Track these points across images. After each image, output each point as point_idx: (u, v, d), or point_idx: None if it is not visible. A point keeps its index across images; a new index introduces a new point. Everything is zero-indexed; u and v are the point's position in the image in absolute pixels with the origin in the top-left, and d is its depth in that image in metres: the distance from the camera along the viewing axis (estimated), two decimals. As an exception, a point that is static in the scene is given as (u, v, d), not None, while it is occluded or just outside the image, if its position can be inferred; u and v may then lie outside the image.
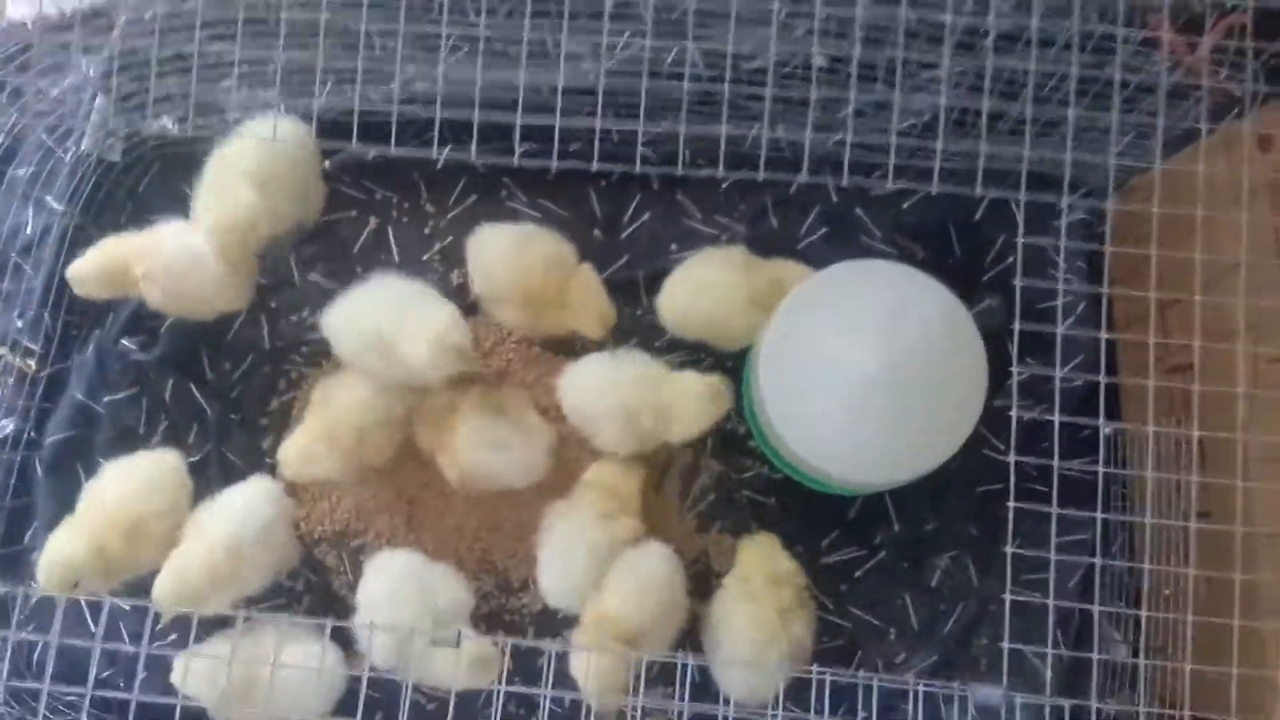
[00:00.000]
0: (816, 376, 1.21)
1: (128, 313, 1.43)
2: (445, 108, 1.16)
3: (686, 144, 1.21)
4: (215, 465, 1.40)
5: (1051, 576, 0.97)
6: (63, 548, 1.20)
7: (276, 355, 1.45)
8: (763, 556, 1.29)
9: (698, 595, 1.35)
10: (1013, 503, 0.99)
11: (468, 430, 1.26)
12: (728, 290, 1.29)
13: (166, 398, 1.42)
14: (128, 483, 1.26)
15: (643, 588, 1.21)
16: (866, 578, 1.38)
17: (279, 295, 1.46)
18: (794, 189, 1.41)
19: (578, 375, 1.32)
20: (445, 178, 1.45)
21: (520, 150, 1.29)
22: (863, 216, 1.43)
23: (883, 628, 1.36)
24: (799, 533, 1.35)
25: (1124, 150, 1.13)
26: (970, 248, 1.42)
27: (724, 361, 1.37)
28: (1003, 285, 1.33)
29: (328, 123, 1.25)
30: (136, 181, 1.48)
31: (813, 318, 1.22)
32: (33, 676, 1.29)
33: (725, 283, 1.29)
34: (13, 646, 1.15)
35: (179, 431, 1.42)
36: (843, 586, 1.37)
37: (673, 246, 1.43)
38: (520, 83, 1.09)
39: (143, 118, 1.40)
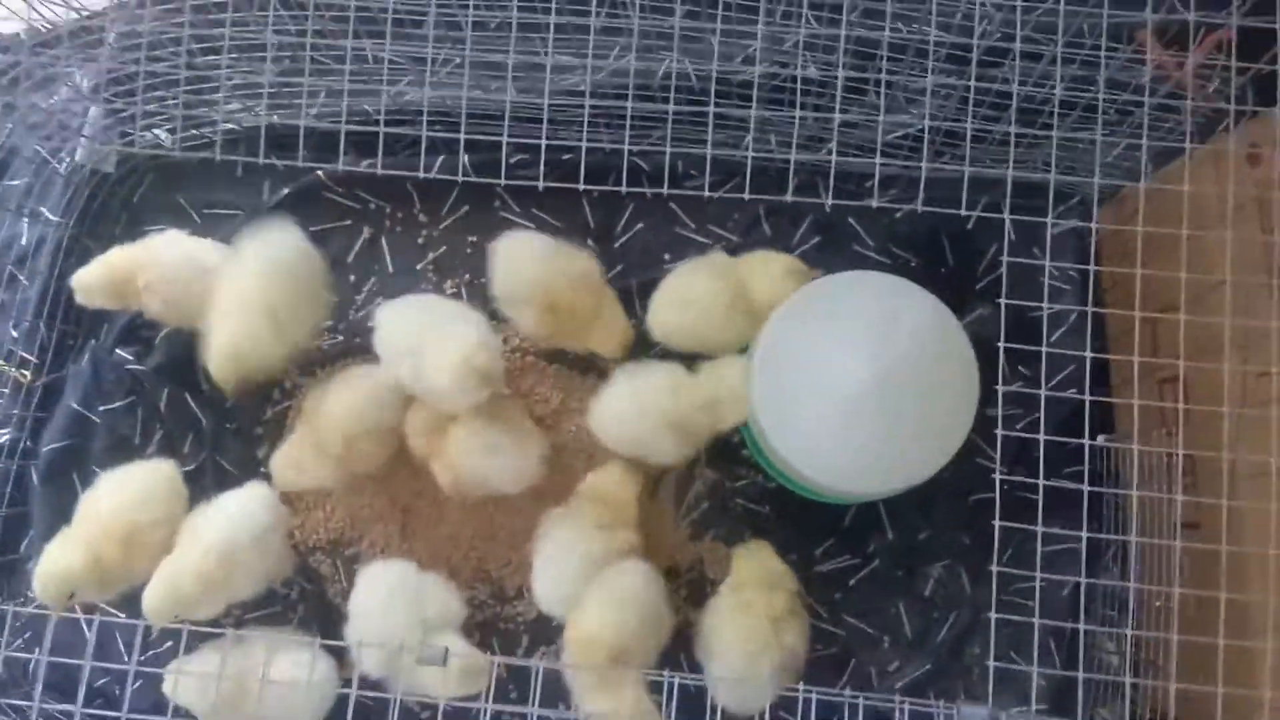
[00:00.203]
0: (808, 387, 1.21)
1: (123, 322, 1.44)
2: (435, 122, 1.16)
3: (677, 157, 1.22)
4: (210, 474, 1.41)
5: (1037, 595, 0.96)
6: (59, 559, 1.20)
7: (271, 364, 1.45)
8: (759, 562, 1.30)
9: (692, 603, 1.36)
10: (999, 521, 0.99)
11: (461, 435, 1.26)
12: (711, 301, 1.29)
13: (162, 407, 1.42)
14: (123, 493, 1.26)
15: (622, 604, 1.21)
16: (860, 586, 1.38)
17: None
18: (787, 197, 1.41)
19: (610, 406, 1.30)
20: (438, 188, 1.45)
21: (512, 160, 1.30)
22: (855, 226, 1.43)
23: (876, 636, 1.36)
24: (793, 541, 1.36)
25: (1113, 163, 1.13)
26: (963, 257, 1.42)
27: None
28: (995, 294, 1.32)
29: (318, 136, 1.25)
30: (131, 192, 1.49)
31: (804, 328, 1.23)
32: (27, 684, 1.30)
33: (707, 296, 1.29)
34: (5, 656, 1.15)
35: (174, 441, 1.42)
36: (836, 595, 1.38)
37: (666, 256, 1.43)
38: (507, 99, 1.09)
39: (135, 129, 1.41)
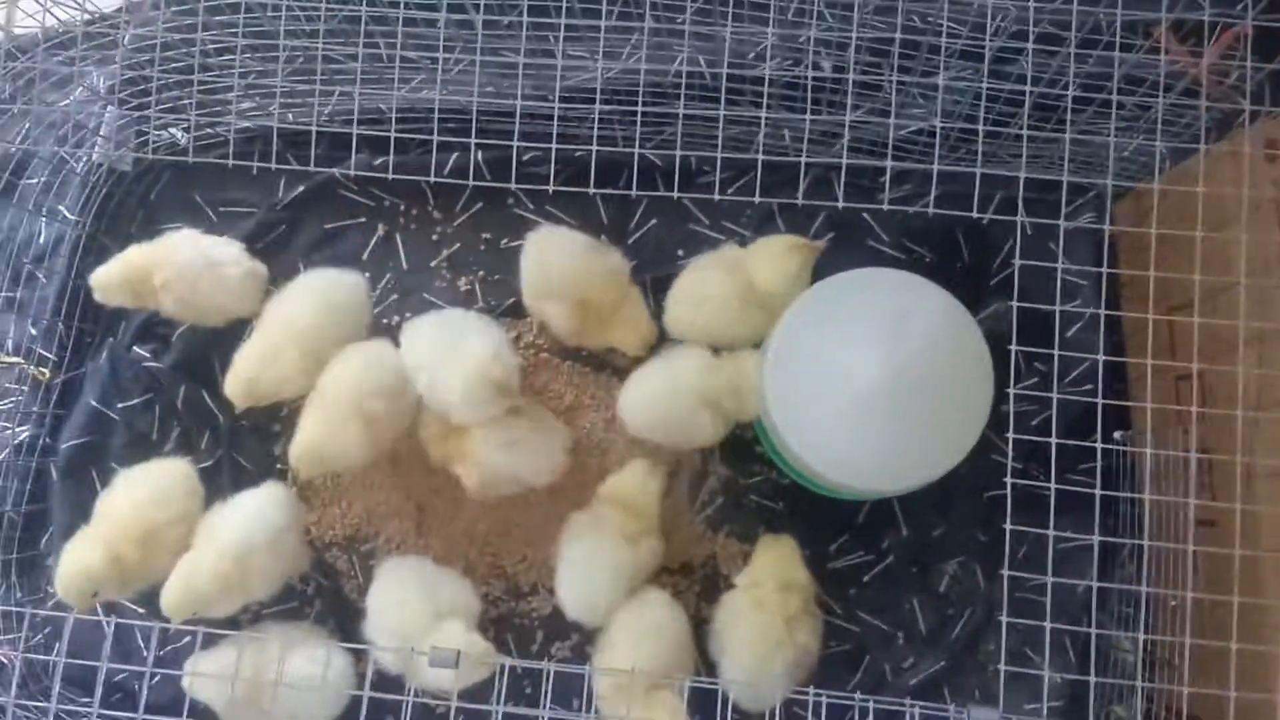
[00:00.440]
0: (822, 384, 1.21)
1: (140, 320, 1.45)
2: (447, 119, 1.16)
3: (691, 154, 1.22)
4: (227, 471, 1.42)
5: (1049, 595, 0.96)
6: (79, 559, 1.21)
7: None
8: (778, 560, 1.29)
9: (705, 599, 1.36)
10: (1009, 525, 0.98)
11: (484, 433, 1.25)
12: (724, 296, 1.29)
13: (179, 404, 1.43)
14: (140, 492, 1.27)
15: (652, 638, 1.22)
16: (874, 582, 1.38)
17: (289, 303, 1.46)
18: (801, 193, 1.40)
19: (641, 388, 1.31)
20: (452, 185, 1.45)
21: (525, 158, 1.31)
22: (870, 221, 1.42)
23: (891, 632, 1.36)
24: (807, 537, 1.35)
25: (1129, 159, 1.12)
26: (978, 252, 1.41)
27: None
28: (1011, 289, 1.32)
29: (332, 134, 1.26)
30: (147, 190, 1.50)
31: (818, 325, 1.22)
32: (47, 680, 1.31)
33: (720, 291, 1.29)
34: (25, 652, 1.16)
35: (191, 437, 1.43)
36: (851, 591, 1.37)
37: (679, 252, 1.43)
38: (518, 98, 1.09)
39: (151, 129, 1.42)
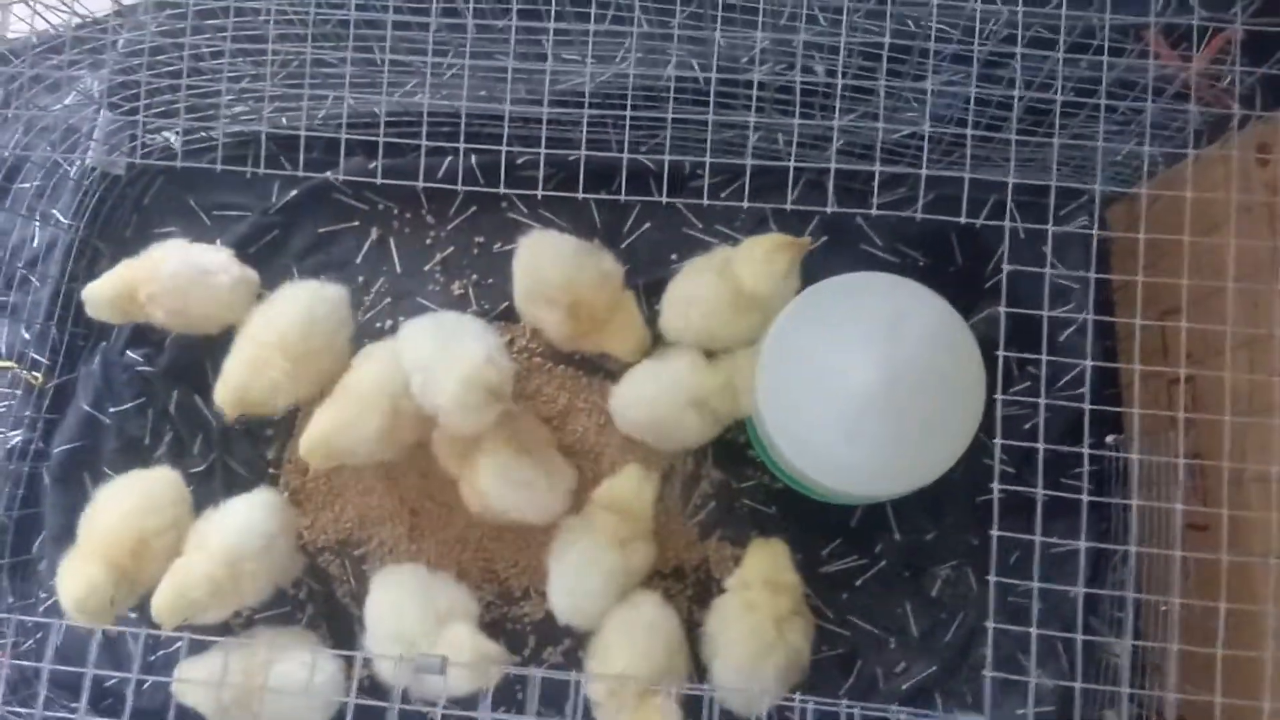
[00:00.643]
0: (814, 389, 1.21)
1: (133, 325, 1.45)
2: (439, 124, 1.16)
3: (684, 158, 1.22)
4: (219, 475, 1.42)
5: (1034, 601, 0.96)
6: (81, 578, 1.20)
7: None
8: (768, 561, 1.29)
9: (698, 604, 1.36)
10: (996, 531, 0.98)
11: (491, 466, 1.25)
12: (715, 299, 1.29)
13: (171, 409, 1.43)
14: (127, 502, 1.26)
15: (645, 640, 1.22)
16: (867, 587, 1.37)
17: (282, 306, 1.46)
18: (794, 196, 1.40)
19: (633, 389, 1.31)
20: (446, 190, 1.44)
21: (519, 161, 1.31)
22: (863, 225, 1.42)
23: (883, 636, 1.36)
24: (800, 541, 1.35)
25: (1123, 163, 1.12)
26: (971, 256, 1.41)
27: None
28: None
29: (325, 138, 1.26)
30: (141, 194, 1.49)
31: (810, 330, 1.22)
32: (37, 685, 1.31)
33: (711, 294, 1.29)
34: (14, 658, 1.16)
35: (184, 442, 1.43)
36: (843, 595, 1.37)
37: (673, 256, 1.43)
38: (506, 104, 1.09)
39: (142, 134, 1.42)
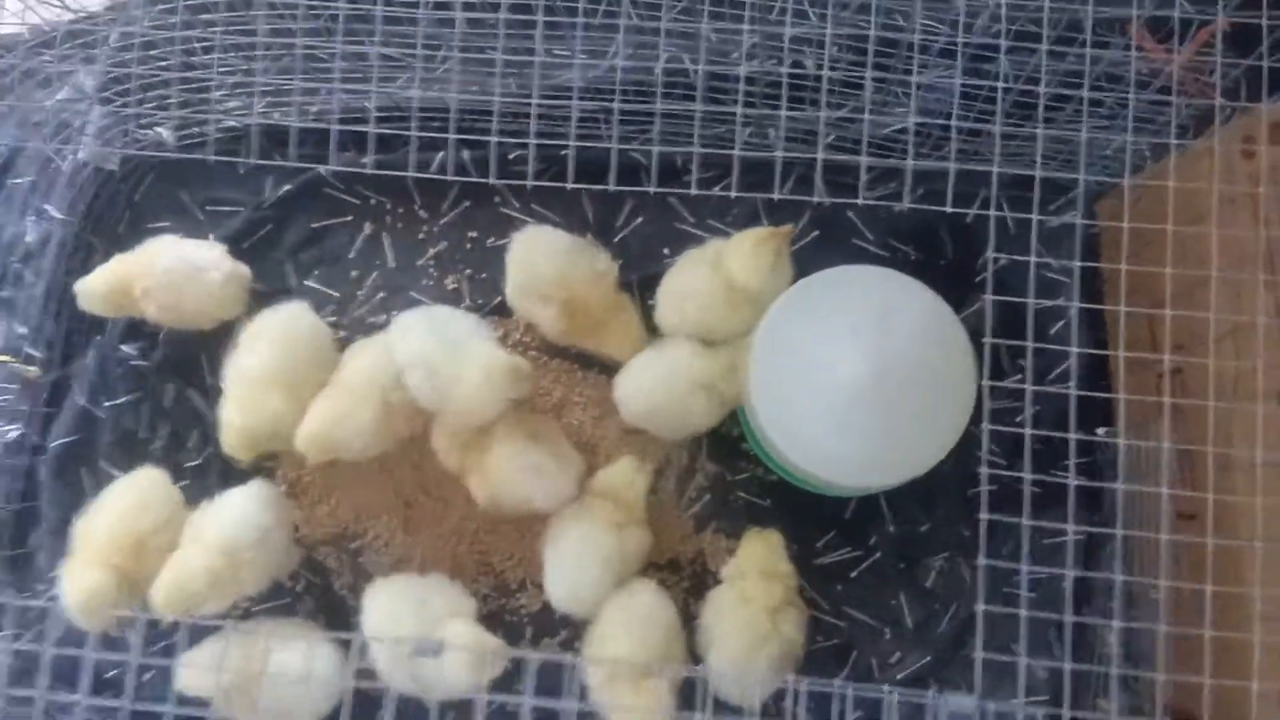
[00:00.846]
0: (806, 381, 1.22)
1: (128, 319, 1.45)
2: (430, 118, 1.16)
3: (676, 152, 1.23)
4: (215, 469, 1.42)
5: (1024, 588, 0.97)
6: (82, 583, 1.21)
7: (275, 360, 1.46)
8: (763, 550, 1.30)
9: (693, 596, 1.36)
10: (985, 515, 1.00)
11: (501, 454, 1.26)
12: (708, 292, 1.29)
13: (166, 403, 1.44)
14: (118, 506, 1.27)
15: (643, 625, 1.23)
16: (861, 578, 1.38)
17: (276, 302, 1.46)
18: (785, 191, 1.41)
19: (637, 375, 1.32)
20: (438, 183, 1.45)
21: (511, 157, 1.31)
22: (854, 219, 1.42)
23: (878, 628, 1.37)
24: (794, 534, 1.36)
25: (1111, 156, 1.13)
26: (962, 250, 1.42)
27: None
28: (994, 287, 1.33)
29: (318, 133, 1.26)
30: (133, 189, 1.50)
31: (802, 321, 1.23)
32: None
33: (704, 288, 1.30)
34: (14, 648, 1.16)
35: (179, 436, 1.44)
36: (838, 587, 1.38)
37: (665, 251, 1.43)
38: (496, 95, 1.09)
39: (138, 127, 1.42)
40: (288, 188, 1.47)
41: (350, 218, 1.48)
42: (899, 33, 1.08)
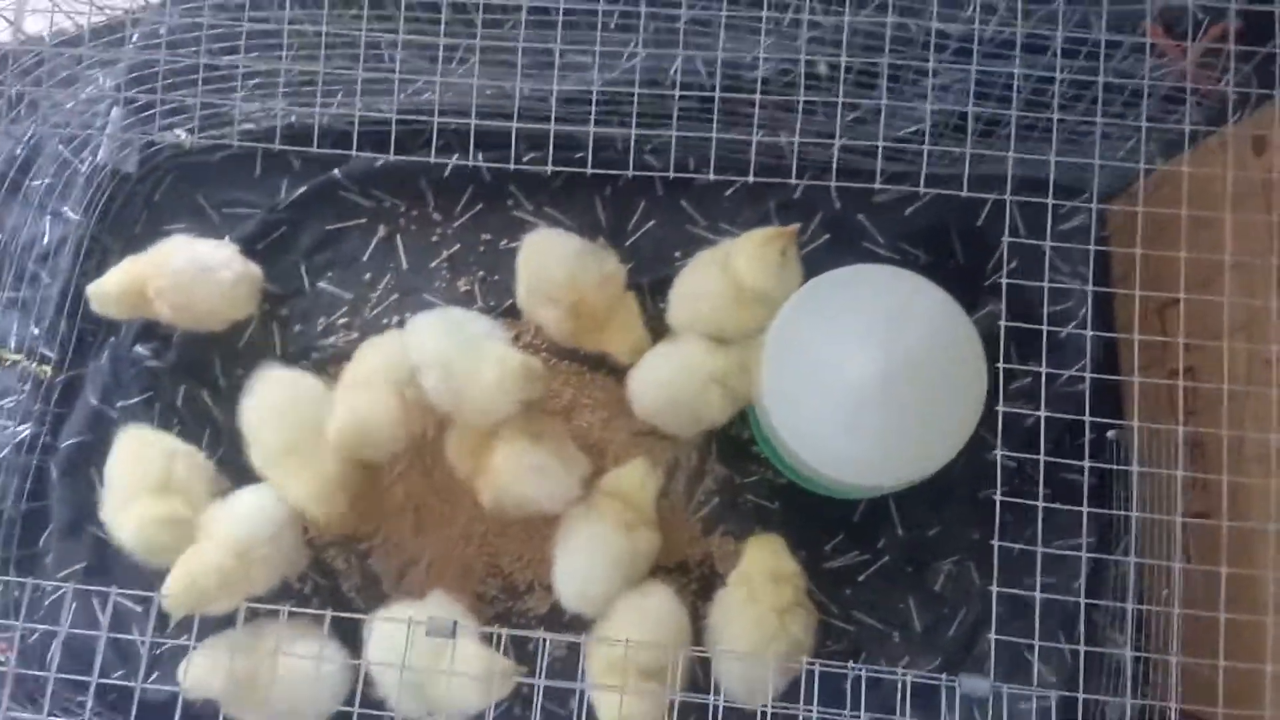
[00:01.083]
0: (817, 381, 1.22)
1: (143, 320, 1.46)
2: (449, 116, 1.18)
3: (689, 151, 1.23)
4: (227, 470, 1.42)
5: (1038, 571, 0.97)
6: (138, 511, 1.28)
7: (288, 362, 1.45)
8: (768, 554, 1.30)
9: (701, 598, 1.36)
10: (999, 496, 1.00)
11: (506, 454, 1.26)
12: (719, 293, 1.30)
13: (178, 403, 1.44)
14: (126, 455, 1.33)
15: (653, 625, 1.23)
16: (870, 581, 1.38)
17: (290, 303, 1.48)
18: (797, 194, 1.43)
19: (652, 371, 1.33)
20: (452, 186, 1.47)
21: (525, 159, 1.33)
22: (865, 222, 1.44)
23: (886, 631, 1.37)
24: (803, 537, 1.36)
25: (1125, 154, 1.14)
26: (973, 254, 1.43)
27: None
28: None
29: (335, 132, 1.28)
30: (151, 191, 1.51)
31: (814, 321, 1.24)
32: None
33: (717, 288, 1.31)
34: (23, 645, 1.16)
35: (190, 436, 1.43)
36: (846, 590, 1.38)
37: (677, 253, 1.44)
38: (516, 90, 1.11)
39: (157, 129, 1.44)
40: (303, 190, 1.48)
41: (364, 220, 1.50)
42: (911, 37, 1.09)
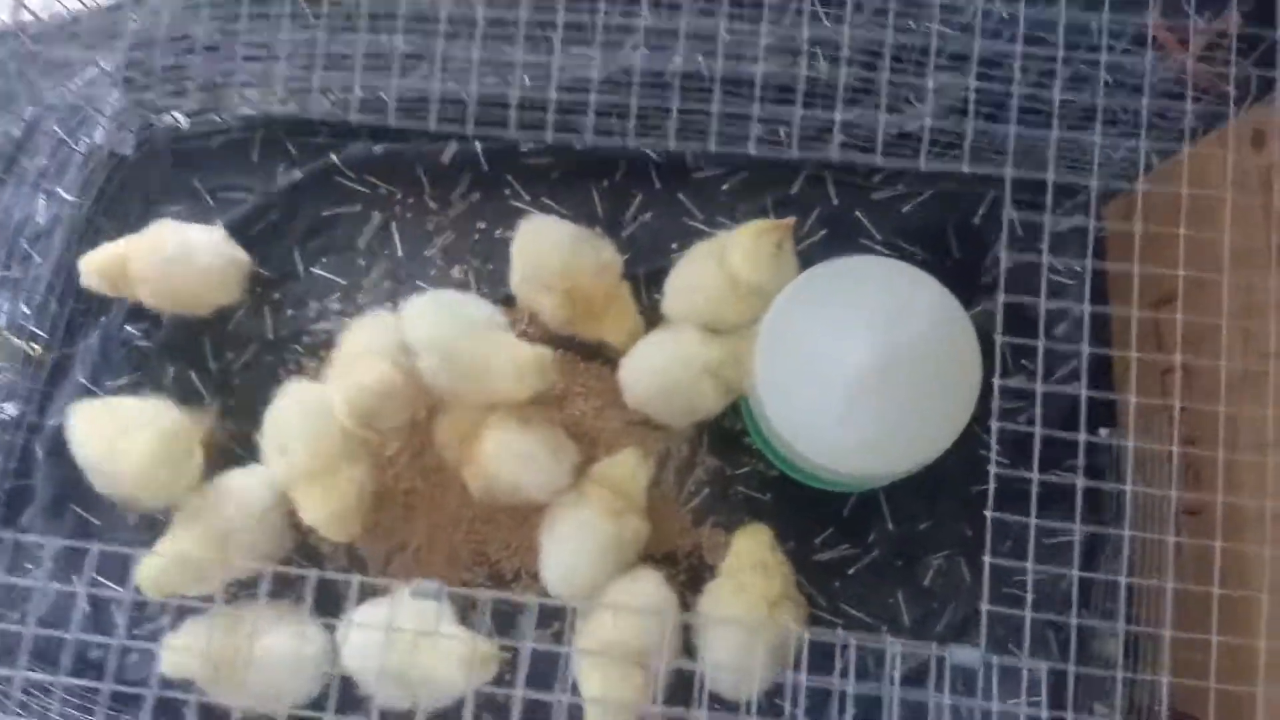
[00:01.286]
0: (812, 371, 1.22)
1: (133, 300, 1.45)
2: (446, 112, 1.18)
3: (686, 148, 1.24)
4: (214, 451, 1.41)
5: (1029, 589, 0.98)
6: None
7: (279, 346, 1.46)
8: (755, 546, 1.30)
9: (690, 589, 1.35)
10: (991, 512, 1.01)
11: (495, 442, 1.26)
12: (714, 284, 1.30)
13: (166, 384, 1.43)
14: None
15: (640, 611, 1.21)
16: (859, 576, 1.38)
17: (282, 288, 1.47)
18: (795, 190, 1.43)
19: (645, 358, 1.32)
20: (448, 174, 1.47)
21: (524, 150, 1.33)
22: (862, 219, 1.44)
23: (875, 625, 1.36)
24: (793, 529, 1.36)
25: (1123, 158, 1.14)
26: (969, 251, 1.43)
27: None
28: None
29: (333, 122, 1.28)
30: (146, 174, 1.50)
31: (809, 311, 1.24)
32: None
33: (712, 281, 1.30)
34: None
35: (179, 418, 1.43)
36: (835, 584, 1.37)
37: (673, 246, 1.44)
38: (518, 59, 1.11)
39: (154, 111, 1.44)
40: (299, 175, 1.48)
41: (359, 207, 1.49)
42: (911, 35, 1.10)
